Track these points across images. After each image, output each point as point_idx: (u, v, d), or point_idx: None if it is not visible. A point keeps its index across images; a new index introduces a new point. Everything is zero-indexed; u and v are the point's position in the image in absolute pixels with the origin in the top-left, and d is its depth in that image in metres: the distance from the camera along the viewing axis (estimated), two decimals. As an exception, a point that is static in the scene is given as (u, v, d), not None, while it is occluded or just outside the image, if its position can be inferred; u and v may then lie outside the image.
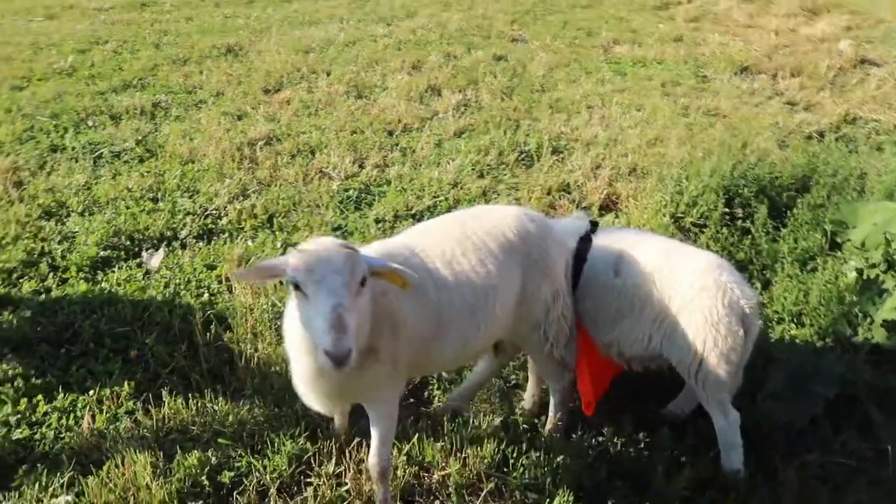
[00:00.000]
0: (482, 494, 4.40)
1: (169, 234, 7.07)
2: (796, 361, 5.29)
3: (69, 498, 4.46)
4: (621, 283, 4.63)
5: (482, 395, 5.17)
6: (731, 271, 4.59)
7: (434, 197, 7.61)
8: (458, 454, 4.60)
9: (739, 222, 7.18)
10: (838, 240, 6.94)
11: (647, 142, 8.96)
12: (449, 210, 7.44)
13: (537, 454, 4.58)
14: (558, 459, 4.53)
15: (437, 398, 5.21)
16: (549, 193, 7.73)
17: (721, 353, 4.42)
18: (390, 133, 9.26)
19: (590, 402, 4.88)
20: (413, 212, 7.37)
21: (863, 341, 5.55)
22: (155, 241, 6.96)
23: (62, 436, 4.90)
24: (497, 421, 4.80)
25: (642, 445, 4.75)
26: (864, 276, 6.24)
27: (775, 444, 4.82)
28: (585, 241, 4.80)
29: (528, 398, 5.12)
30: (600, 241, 4.81)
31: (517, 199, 7.57)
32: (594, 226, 4.94)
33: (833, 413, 5.07)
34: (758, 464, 4.70)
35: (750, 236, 6.95)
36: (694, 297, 4.43)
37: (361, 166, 8.35)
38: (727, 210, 7.26)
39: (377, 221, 7.17)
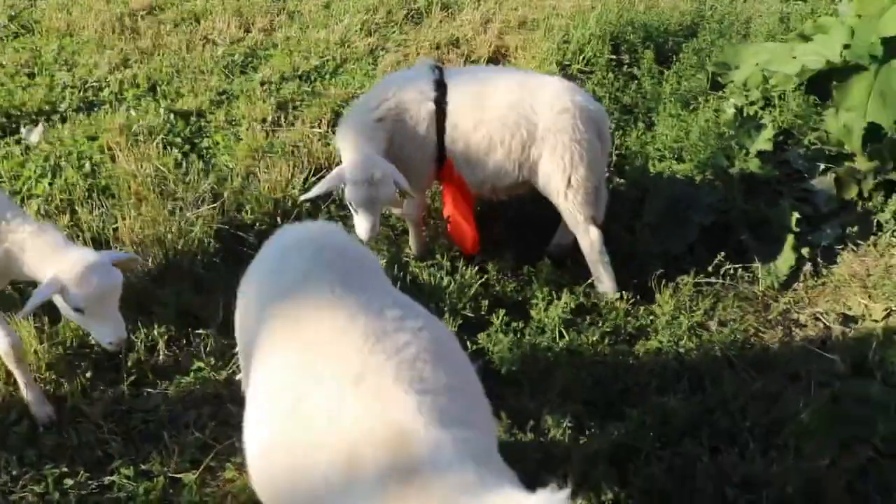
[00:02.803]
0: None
1: (48, 108, 6.82)
2: (674, 192, 5.47)
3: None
4: (488, 118, 4.71)
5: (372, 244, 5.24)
6: (581, 92, 4.91)
7: (321, 57, 7.47)
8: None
9: (626, 68, 7.28)
10: (720, 80, 7.09)
11: (538, -5, 8.89)
12: (336, 71, 7.34)
13: (419, 289, 4.69)
14: (442, 289, 4.65)
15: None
16: (437, 48, 7.66)
17: (587, 166, 4.72)
18: (277, -3, 8.99)
19: (469, 242, 5.00)
20: (300, 72, 7.24)
21: (738, 172, 5.74)
22: (33, 116, 6.72)
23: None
24: (383, 262, 4.86)
25: (524, 277, 4.89)
26: (744, 114, 6.42)
27: (653, 269, 5.01)
28: (441, 86, 4.83)
29: (412, 243, 5.23)
30: (454, 82, 4.87)
31: (406, 56, 7.49)
32: (440, 70, 4.98)
33: (709, 239, 5.28)
34: (637, 288, 4.89)
35: (636, 81, 7.04)
36: (556, 119, 4.66)
37: (247, 31, 8.10)
38: (613, 56, 7.34)
39: (262, 84, 7.03)
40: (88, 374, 4.37)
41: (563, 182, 4.71)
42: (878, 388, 4.15)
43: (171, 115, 6.53)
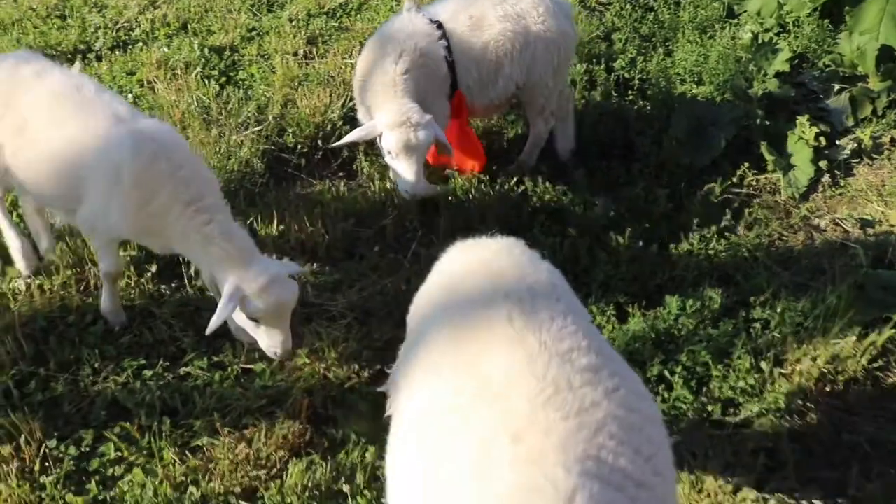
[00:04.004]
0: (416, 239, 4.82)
1: (82, 47, 7.04)
2: (697, 111, 5.72)
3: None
4: (490, 37, 4.97)
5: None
6: None
7: (346, -7, 7.68)
8: (391, 205, 4.97)
9: (642, 0, 7.47)
10: (735, 9, 7.30)
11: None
12: (360, 7, 7.53)
13: (465, 200, 4.96)
14: (486, 201, 4.91)
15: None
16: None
17: (568, 60, 5.40)
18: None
19: (480, 163, 5.27)
20: (325, 9, 7.43)
21: (757, 92, 5.99)
22: (69, 56, 6.92)
23: None
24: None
25: (560, 188, 5.15)
26: (759, 40, 6.65)
27: (681, 180, 5.28)
28: (439, 26, 4.94)
29: None
30: (443, 15, 5.02)
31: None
32: (419, 8, 5.11)
33: (731, 153, 5.54)
34: (669, 196, 5.15)
35: (653, 12, 7.24)
36: (544, 19, 5.08)
37: (270, -28, 8.28)
38: (630, -11, 7.54)
39: (290, 20, 7.22)
40: (155, 281, 4.63)
41: (551, 78, 5.19)
42: (900, 277, 4.44)
43: (206, 51, 6.75)
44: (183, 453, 3.78)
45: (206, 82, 6.33)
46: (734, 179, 5.34)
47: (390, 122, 4.51)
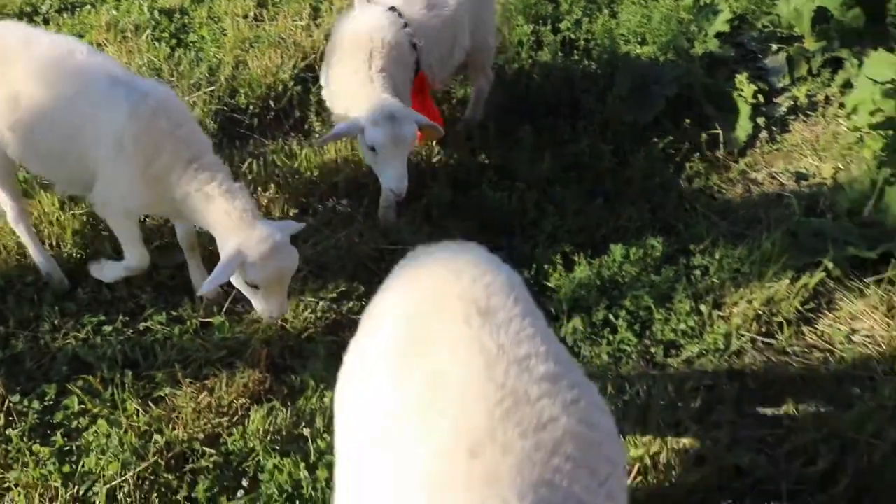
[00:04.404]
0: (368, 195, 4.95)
1: (29, 10, 6.99)
2: (640, 70, 5.90)
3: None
4: (447, 14, 4.99)
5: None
6: None
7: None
8: (343, 162, 5.09)
9: (587, -36, 7.61)
10: (677, -28, 7.47)
11: None
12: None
13: (415, 158, 5.09)
14: (433, 161, 5.05)
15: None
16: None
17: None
18: None
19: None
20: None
21: (698, 52, 6.18)
22: (15, 18, 6.87)
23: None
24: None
25: (506, 145, 5.31)
26: (701, 2, 6.84)
27: (625, 136, 5.46)
28: (399, 13, 4.84)
29: None
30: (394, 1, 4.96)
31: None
32: None
33: (673, 111, 5.73)
34: (614, 152, 5.33)
35: (597, -25, 7.39)
36: None
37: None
38: (575, -48, 7.66)
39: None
40: (112, 239, 4.68)
41: (492, 37, 5.46)
42: (830, 224, 4.68)
43: (155, 13, 6.75)
44: (146, 404, 3.89)
45: (157, 45, 6.35)
46: (676, 135, 5.53)
47: (373, 119, 4.29)
